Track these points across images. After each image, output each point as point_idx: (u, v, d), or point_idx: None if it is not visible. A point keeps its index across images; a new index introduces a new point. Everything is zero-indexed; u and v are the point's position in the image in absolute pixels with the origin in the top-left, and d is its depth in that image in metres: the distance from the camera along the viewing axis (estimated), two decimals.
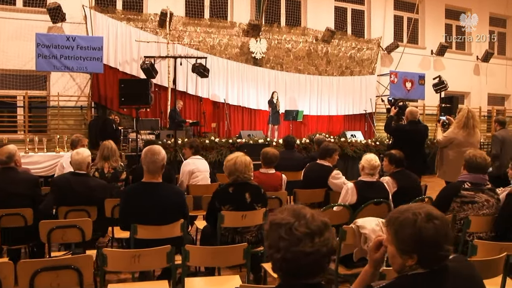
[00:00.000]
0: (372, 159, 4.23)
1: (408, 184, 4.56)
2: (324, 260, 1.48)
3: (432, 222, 1.58)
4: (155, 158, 3.47)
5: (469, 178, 3.67)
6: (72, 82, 11.24)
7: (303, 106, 13.45)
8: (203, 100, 12.47)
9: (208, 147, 9.51)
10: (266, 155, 4.70)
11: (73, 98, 11.26)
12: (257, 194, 3.82)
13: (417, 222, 1.58)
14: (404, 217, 1.62)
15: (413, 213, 1.61)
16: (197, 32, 12.49)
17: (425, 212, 1.61)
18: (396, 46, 14.77)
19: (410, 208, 1.65)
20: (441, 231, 1.57)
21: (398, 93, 13.86)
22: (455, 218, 3.64)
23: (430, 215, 1.60)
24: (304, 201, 4.88)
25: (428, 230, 1.56)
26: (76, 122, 11.36)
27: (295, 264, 1.47)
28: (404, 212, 1.64)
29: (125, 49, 11.53)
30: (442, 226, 1.58)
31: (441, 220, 1.60)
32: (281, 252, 1.48)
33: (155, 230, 3.50)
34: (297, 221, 1.50)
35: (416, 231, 1.57)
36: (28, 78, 10.96)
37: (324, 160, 4.98)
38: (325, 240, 1.47)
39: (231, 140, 9.84)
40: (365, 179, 4.25)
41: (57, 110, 10.96)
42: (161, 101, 12.22)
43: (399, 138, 6.10)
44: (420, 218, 1.59)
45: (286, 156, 6.62)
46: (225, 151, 9.56)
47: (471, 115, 5.93)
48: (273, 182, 4.65)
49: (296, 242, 1.46)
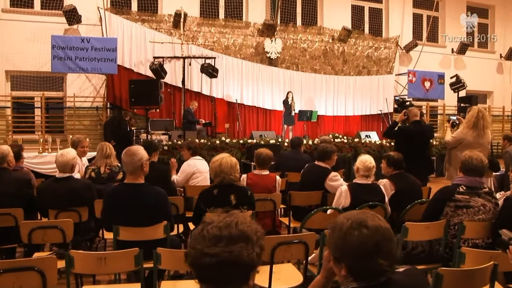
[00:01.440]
0: (367, 161, 4.07)
1: (407, 186, 4.36)
2: (229, 269, 1.37)
3: (359, 230, 1.44)
4: (131, 158, 3.41)
5: (464, 181, 3.46)
6: (87, 83, 11.37)
7: (319, 106, 13.29)
8: (218, 100, 12.43)
9: (219, 147, 9.41)
10: (259, 156, 4.59)
11: (88, 99, 11.39)
12: (243, 196, 3.71)
13: (344, 228, 1.45)
14: (338, 221, 1.49)
15: (347, 218, 1.48)
16: (211, 32, 12.46)
17: (359, 219, 1.47)
18: (415, 44, 14.40)
19: (353, 212, 1.52)
20: (369, 242, 1.43)
21: (416, 93, 13.54)
22: (448, 223, 3.43)
23: (362, 223, 1.46)
24: (300, 204, 4.76)
25: (352, 237, 1.43)
26: (91, 122, 11.49)
27: (196, 263, 1.38)
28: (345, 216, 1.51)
29: (139, 50, 11.58)
30: (371, 237, 1.44)
31: (375, 231, 1.45)
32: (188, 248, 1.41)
33: (137, 232, 3.44)
34: (216, 223, 1.41)
35: (341, 236, 1.45)
36: (45, 80, 11.15)
37: (322, 162, 4.82)
38: (233, 249, 1.36)
39: (242, 140, 9.72)
40: (360, 181, 4.10)
41: (73, 111, 11.11)
42: (175, 102, 12.26)
43: (403, 140, 5.87)
44: (349, 223, 1.46)
45: (292, 156, 6.51)
46: (235, 152, 9.45)
47: (481, 115, 5.65)
48: (266, 184, 4.53)
49: (201, 240, 1.37)
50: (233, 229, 1.41)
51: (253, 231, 1.45)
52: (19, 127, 10.97)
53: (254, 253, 1.41)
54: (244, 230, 1.43)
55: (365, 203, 3.94)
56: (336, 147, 9.70)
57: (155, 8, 12.17)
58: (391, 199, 4.28)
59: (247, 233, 1.43)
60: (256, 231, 1.46)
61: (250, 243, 1.41)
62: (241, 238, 1.41)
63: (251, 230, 1.44)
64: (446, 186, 3.58)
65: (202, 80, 12.18)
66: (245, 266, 1.40)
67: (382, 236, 1.47)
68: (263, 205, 4.42)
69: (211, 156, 9.13)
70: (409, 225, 3.31)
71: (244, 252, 1.39)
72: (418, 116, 5.93)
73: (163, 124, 11.36)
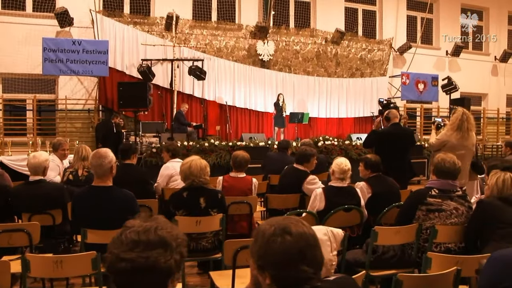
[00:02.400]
0: (342, 163, 4.00)
1: (384, 189, 4.27)
2: (145, 275, 1.30)
3: (282, 236, 1.37)
4: (101, 161, 3.34)
5: (436, 184, 3.38)
6: (79, 86, 11.33)
7: (312, 108, 13.25)
8: (209, 103, 12.43)
9: (208, 150, 9.35)
10: (235, 158, 4.52)
11: (80, 102, 11.34)
12: (213, 199, 3.65)
13: (267, 235, 1.38)
14: (261, 228, 1.42)
15: (270, 224, 1.41)
16: (203, 34, 12.43)
17: (282, 225, 1.40)
18: (409, 47, 14.32)
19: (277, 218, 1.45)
20: (292, 249, 1.36)
21: (410, 95, 13.49)
22: (420, 227, 3.35)
23: (285, 229, 1.39)
24: (278, 206, 4.69)
25: (275, 243, 1.36)
26: (83, 125, 11.44)
27: (112, 268, 1.31)
28: (268, 223, 1.44)
29: (131, 53, 11.53)
30: (295, 243, 1.37)
31: (299, 237, 1.38)
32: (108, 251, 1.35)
33: (105, 235, 3.36)
34: (135, 227, 1.34)
35: (264, 243, 1.38)
36: (37, 82, 11.11)
37: (301, 165, 4.75)
38: (150, 255, 1.29)
39: (231, 143, 9.65)
40: (335, 184, 4.02)
41: (64, 113, 11.05)
42: (167, 104, 12.21)
43: (383, 142, 5.78)
44: (272, 229, 1.39)
45: (278, 159, 6.43)
46: (224, 154, 9.39)
47: (465, 117, 5.54)
48: (242, 186, 4.46)
49: (119, 244, 1.31)
50: (152, 235, 1.35)
51: (173, 237, 1.38)
52: (10, 129, 10.92)
53: (172, 260, 1.35)
54: (163, 236, 1.37)
55: (340, 206, 3.86)
56: (326, 149, 9.82)
57: (147, 10, 12.13)
58: (368, 202, 4.19)
59: (166, 239, 1.36)
60: (177, 238, 1.39)
61: (169, 250, 1.35)
62: (159, 244, 1.34)
63: (171, 236, 1.38)
64: (419, 189, 3.50)
65: (194, 82, 12.10)
66: (162, 273, 1.33)
67: (306, 242, 1.40)
68: (239, 208, 4.35)
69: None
70: (378, 229, 3.23)
71: (161, 259, 1.33)
72: (398, 118, 5.84)
73: (154, 126, 11.30)
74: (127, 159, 5.00)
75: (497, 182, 3.19)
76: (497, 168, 3.52)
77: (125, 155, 5.01)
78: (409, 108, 15.01)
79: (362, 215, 4.01)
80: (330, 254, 2.86)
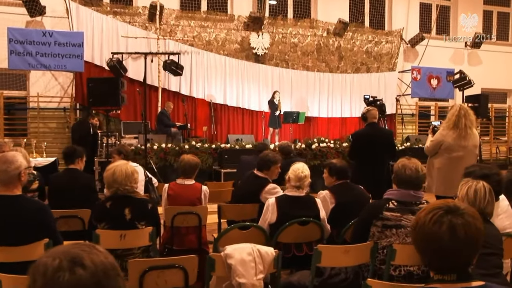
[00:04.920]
0: (299, 169, 3.77)
1: (351, 199, 4.00)
2: None
3: (72, 270, 1.12)
4: (6, 166, 3.14)
5: (395, 194, 3.10)
6: (54, 82, 11.22)
7: (312, 107, 13.06)
8: (198, 101, 12.31)
9: (188, 152, 9.11)
10: (181, 163, 4.31)
11: (55, 99, 11.23)
12: (140, 210, 3.43)
13: (49, 270, 1.13)
14: (40, 262, 1.16)
15: (54, 256, 1.16)
16: (191, 26, 12.26)
17: (72, 255, 1.15)
18: (422, 38, 13.97)
19: (63, 248, 1.20)
20: (88, 285, 1.11)
21: (421, 92, 13.19)
22: (376, 246, 3.08)
23: (76, 260, 1.13)
24: (233, 218, 4.46)
25: (61, 281, 1.11)
26: (58, 125, 11.33)
27: None
28: (50, 254, 1.18)
29: (111, 46, 11.35)
30: (91, 278, 1.12)
31: (96, 269, 1.14)
32: None
33: (11, 252, 3.19)
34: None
35: (46, 281, 1.13)
36: (4, 77, 11.01)
37: (260, 172, 4.51)
38: None
39: (214, 145, 9.45)
40: (290, 193, 3.78)
41: (37, 112, 10.95)
42: (151, 103, 12.06)
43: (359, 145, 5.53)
44: (57, 263, 1.13)
45: (252, 163, 6.06)
46: (206, 158, 9.20)
47: (463, 112, 5.23)
48: (189, 195, 4.25)
49: None
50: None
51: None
52: None
53: None
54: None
55: (295, 218, 3.62)
56: (321, 152, 9.56)
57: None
58: (331, 214, 3.95)
59: None
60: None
61: None
62: None
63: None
64: (375, 201, 3.23)
65: (180, 79, 11.96)
66: None
67: (105, 274, 1.15)
68: (186, 219, 4.17)
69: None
70: (322, 248, 2.97)
71: None
72: (376, 118, 5.57)
73: (135, 127, 11.16)
74: (71, 163, 4.84)
75: (468, 194, 2.90)
76: (475, 175, 3.23)
77: (69, 160, 4.85)
78: (422, 106, 14.63)
79: (322, 229, 3.75)
80: (254, 277, 2.64)
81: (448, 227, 1.46)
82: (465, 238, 1.46)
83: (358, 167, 5.76)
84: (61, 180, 4.84)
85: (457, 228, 1.46)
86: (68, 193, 4.43)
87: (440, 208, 1.51)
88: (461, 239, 1.46)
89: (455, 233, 1.45)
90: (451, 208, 1.50)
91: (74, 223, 3.93)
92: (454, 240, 1.47)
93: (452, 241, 1.47)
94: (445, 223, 1.47)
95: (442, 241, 1.47)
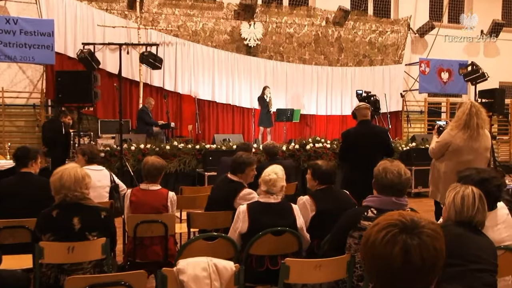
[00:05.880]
0: (267, 171, 3.69)
1: (333, 206, 3.88)
2: None
3: None
4: None
5: (375, 202, 3.01)
6: (21, 76, 11.15)
7: (309, 104, 13.07)
8: (184, 97, 12.31)
9: (169, 154, 9.09)
10: (144, 166, 4.21)
11: (23, 95, 11.16)
12: (91, 219, 3.33)
13: None
14: None
15: None
16: (175, 15, 12.23)
17: None
18: (431, 27, 13.92)
19: None
20: None
21: (430, 87, 13.17)
22: (353, 259, 2.98)
23: None
24: (204, 227, 4.37)
25: None
26: (27, 123, 11.26)
27: None
28: None
29: (86, 36, 11.27)
30: None
31: None
32: None
33: None
34: None
35: None
36: None
37: (234, 176, 4.42)
38: None
39: (198, 146, 9.37)
40: (262, 199, 3.69)
41: (1, 109, 10.84)
42: (132, 99, 12.01)
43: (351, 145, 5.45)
44: None
45: None
46: (189, 160, 9.12)
47: (474, 111, 5.08)
48: (154, 202, 4.15)
49: None
50: None
51: None
52: None
53: None
54: None
55: (268, 227, 3.52)
56: (316, 153, 9.46)
57: None
58: (311, 222, 3.85)
59: None
60: None
61: None
62: None
63: None
64: (353, 209, 3.14)
65: (164, 73, 11.92)
66: None
67: None
68: (150, 228, 4.07)
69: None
70: (290, 262, 2.87)
71: None
72: (367, 116, 5.48)
73: (114, 125, 11.05)
74: (24, 167, 4.72)
75: (455, 201, 2.81)
76: (472, 180, 3.14)
77: (21, 163, 4.73)
78: (432, 103, 14.55)
79: (300, 240, 3.65)
80: None
81: (401, 249, 1.36)
82: (421, 263, 1.36)
83: (349, 170, 5.68)
84: (10, 185, 4.67)
85: (412, 250, 1.35)
86: (18, 201, 4.31)
87: (395, 225, 1.41)
88: (416, 263, 1.36)
89: (408, 257, 1.35)
90: (407, 226, 1.40)
91: (21, 234, 3.82)
92: (407, 265, 1.37)
93: (405, 267, 1.37)
94: (398, 244, 1.37)
95: (394, 265, 1.37)
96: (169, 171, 8.93)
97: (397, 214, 1.45)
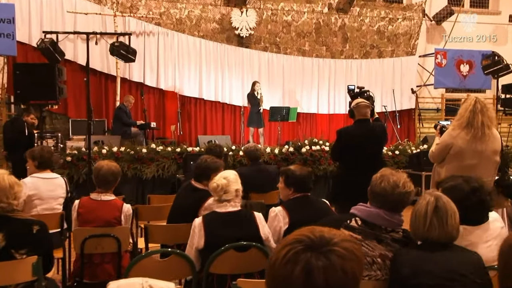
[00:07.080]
0: (219, 177, 3.61)
1: (309, 218, 3.71)
2: None
3: None
4: None
5: (362, 211, 2.90)
6: None
7: (309, 101, 13.13)
8: (168, 94, 12.34)
9: (145, 158, 8.99)
10: (98, 172, 4.10)
11: None
12: (19, 235, 3.24)
13: None
14: None
15: None
16: (157, 0, 12.22)
17: None
18: (450, 13, 13.84)
19: None
20: None
21: (447, 81, 13.15)
22: None
23: None
24: (165, 242, 4.25)
25: None
26: None
27: None
28: None
29: (54, 24, 11.26)
30: None
31: None
32: None
33: None
34: None
35: None
36: None
37: (199, 183, 4.32)
38: None
39: (179, 148, 9.27)
40: (219, 209, 3.59)
41: None
42: (108, 96, 11.95)
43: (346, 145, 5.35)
44: None
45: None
46: (168, 165, 9.02)
47: (479, 107, 4.94)
48: (104, 214, 4.05)
49: None
50: None
51: None
52: None
53: None
54: None
55: (226, 240, 3.42)
56: (312, 157, 9.34)
57: None
58: (284, 236, 3.72)
59: None
60: None
61: None
62: None
63: None
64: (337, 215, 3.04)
65: (145, 67, 11.89)
66: None
67: None
68: (100, 244, 4.00)
69: (135, 170, 8.85)
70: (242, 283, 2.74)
71: None
72: (367, 116, 5.38)
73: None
74: None
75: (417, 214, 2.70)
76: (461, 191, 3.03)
77: None
78: (450, 99, 14.42)
79: (267, 256, 3.53)
80: None
81: (303, 270, 1.22)
82: (325, 287, 1.21)
83: (343, 174, 5.58)
84: None
85: (315, 272, 1.21)
86: None
87: (300, 241, 1.26)
88: (319, 287, 1.21)
89: (311, 280, 1.21)
90: (314, 243, 1.26)
91: None
92: None
93: None
94: (300, 264, 1.22)
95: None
96: (145, 178, 8.86)
97: (308, 229, 1.31)
